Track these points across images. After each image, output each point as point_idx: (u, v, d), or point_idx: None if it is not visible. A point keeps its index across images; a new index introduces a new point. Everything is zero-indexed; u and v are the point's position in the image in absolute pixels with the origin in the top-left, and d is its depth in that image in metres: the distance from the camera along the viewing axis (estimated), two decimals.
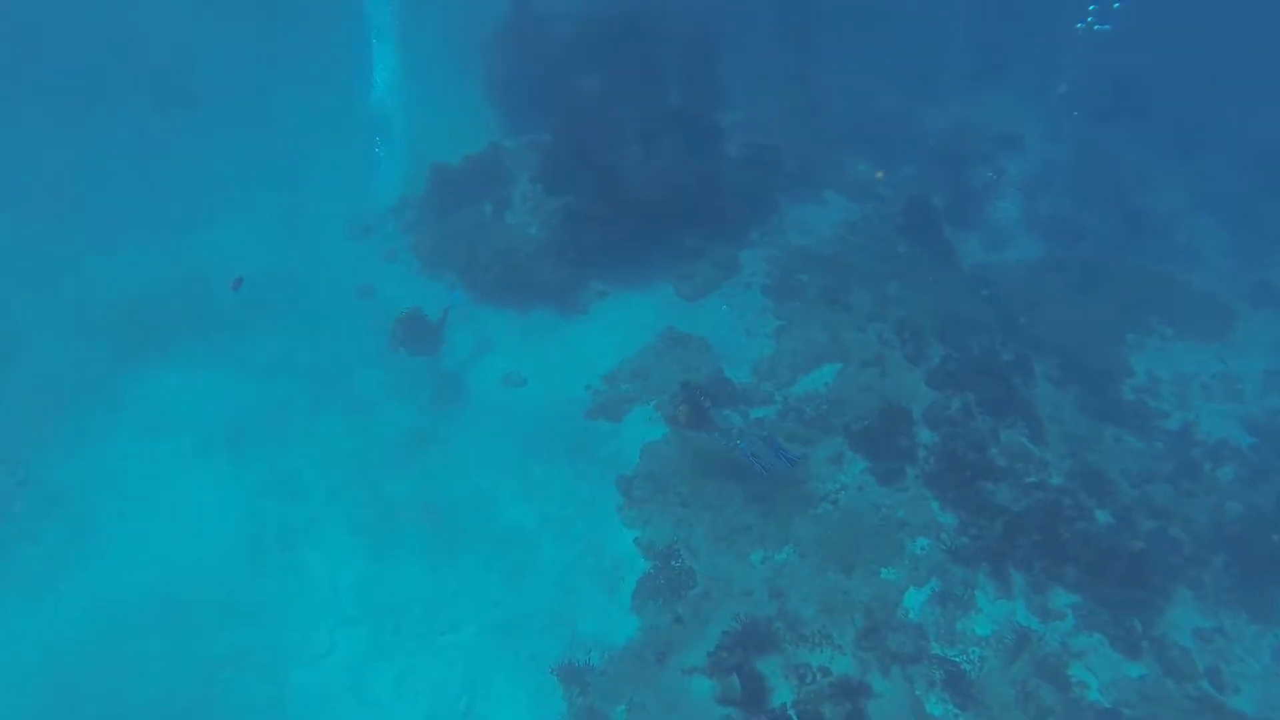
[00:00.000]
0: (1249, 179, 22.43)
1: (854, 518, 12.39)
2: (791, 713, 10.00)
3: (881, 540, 12.17)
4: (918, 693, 10.56)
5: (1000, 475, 12.89)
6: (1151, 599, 11.65)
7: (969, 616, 11.47)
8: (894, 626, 11.14)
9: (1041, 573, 11.92)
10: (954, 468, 12.81)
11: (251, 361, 15.80)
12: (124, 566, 12.28)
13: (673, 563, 11.86)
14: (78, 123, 23.63)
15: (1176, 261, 19.61)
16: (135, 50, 27.19)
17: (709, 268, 16.94)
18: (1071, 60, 22.71)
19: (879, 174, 12.21)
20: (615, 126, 19.27)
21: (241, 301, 16.81)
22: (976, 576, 11.89)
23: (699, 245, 17.18)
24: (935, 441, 13.27)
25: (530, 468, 13.55)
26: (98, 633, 11.39)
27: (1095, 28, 22.06)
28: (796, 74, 23.56)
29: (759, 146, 20.03)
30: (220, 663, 11.21)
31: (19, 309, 16.59)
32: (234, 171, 21.55)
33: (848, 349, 14.84)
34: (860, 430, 13.16)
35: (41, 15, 28.04)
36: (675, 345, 15.18)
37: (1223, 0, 28.43)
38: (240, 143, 22.90)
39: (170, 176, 21.29)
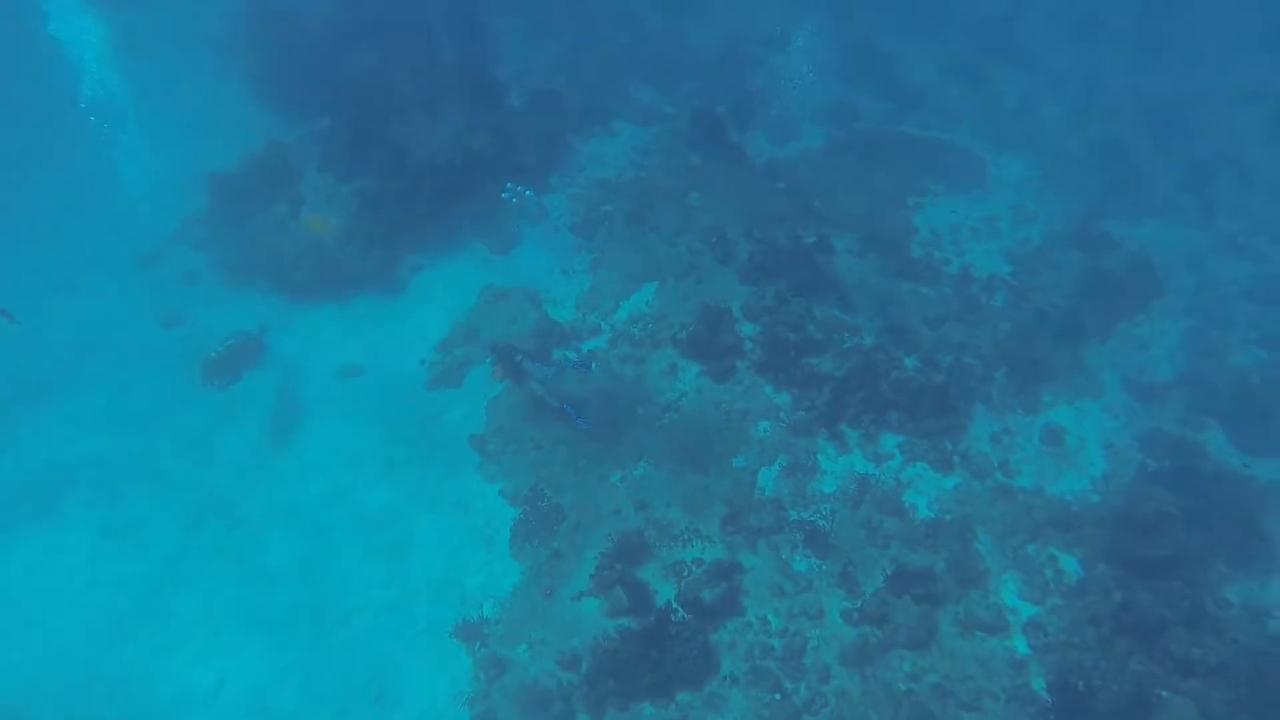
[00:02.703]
0: (980, 46, 24.98)
1: (698, 419, 13.27)
2: (675, 605, 10.84)
3: (728, 433, 13.14)
4: (784, 557, 11.67)
5: (821, 348, 14.04)
6: (957, 421, 13.33)
7: (816, 479, 12.70)
8: (753, 507, 12.17)
9: (870, 424, 13.29)
10: (779, 351, 13.87)
11: (60, 422, 14.74)
12: None
13: (539, 503, 12.35)
14: None
15: (935, 126, 21.62)
16: None
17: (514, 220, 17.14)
18: None
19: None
20: (394, 99, 18.85)
21: (37, 363, 15.69)
22: (817, 442, 13.12)
23: (500, 200, 17.28)
24: (757, 331, 14.28)
25: (386, 449, 13.59)
26: None
27: None
28: (568, 11, 23.68)
29: (541, 92, 20.18)
30: None
31: None
32: None
33: (661, 266, 15.58)
34: (686, 338, 13.98)
35: None
36: (498, 300, 15.42)
37: None
38: None
39: None
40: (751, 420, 13.25)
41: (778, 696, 10.26)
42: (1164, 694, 9.27)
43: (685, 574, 11.16)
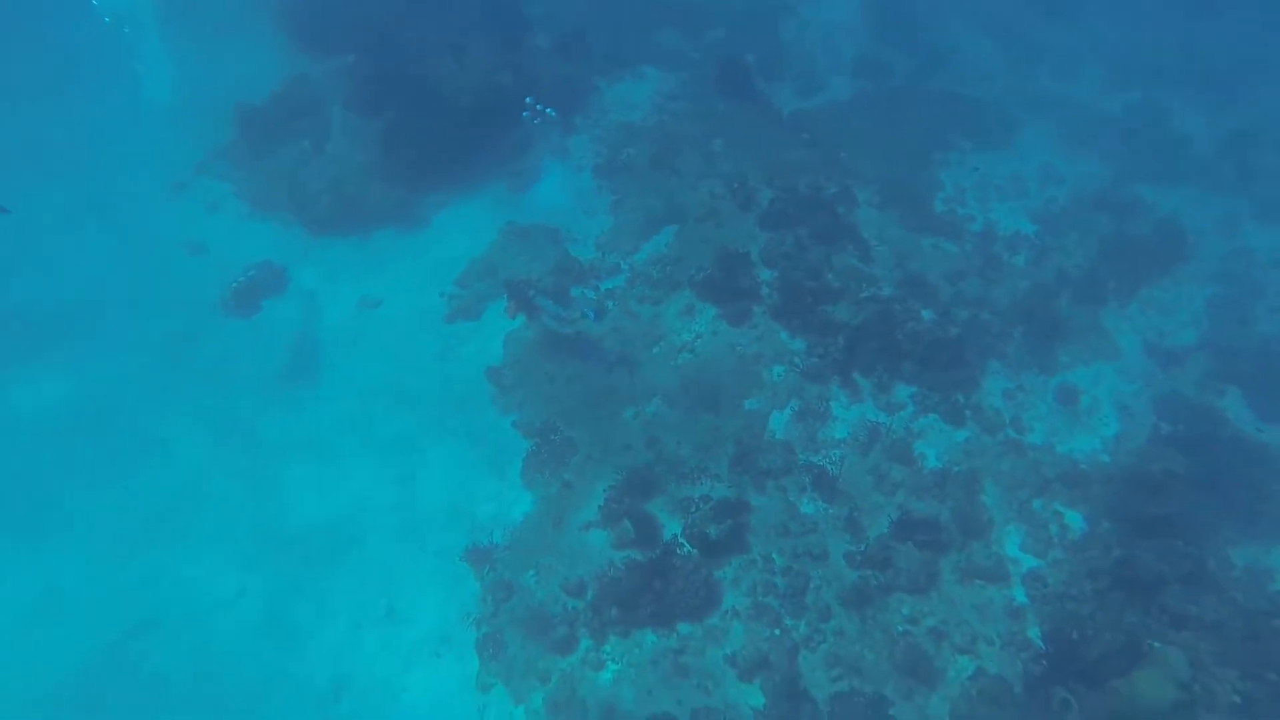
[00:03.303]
0: (1017, 3, 24.27)
1: (712, 361, 13.34)
2: (682, 540, 11.04)
3: (741, 376, 13.21)
4: (791, 499, 11.81)
5: (837, 296, 14.00)
6: (971, 375, 13.33)
7: (827, 425, 12.77)
8: (763, 448, 12.29)
9: (883, 373, 13.30)
10: (795, 297, 13.84)
11: (96, 344, 15.07)
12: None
13: (552, 436, 12.53)
14: None
15: (967, 83, 21.15)
16: None
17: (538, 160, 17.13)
18: None
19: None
20: (420, 37, 18.73)
21: (71, 286, 15.97)
22: (829, 389, 13.16)
23: (525, 139, 17.24)
24: (775, 277, 14.25)
25: (401, 378, 13.81)
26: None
27: None
28: None
29: (568, 34, 19.93)
30: (135, 627, 11.26)
31: None
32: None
33: (683, 209, 15.54)
34: (704, 280, 13.99)
35: None
36: (519, 238, 15.48)
37: None
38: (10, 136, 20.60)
39: None
40: (765, 364, 13.30)
41: (777, 632, 10.46)
42: (1155, 644, 9.37)
43: (692, 510, 11.32)
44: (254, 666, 11.00)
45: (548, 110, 16.12)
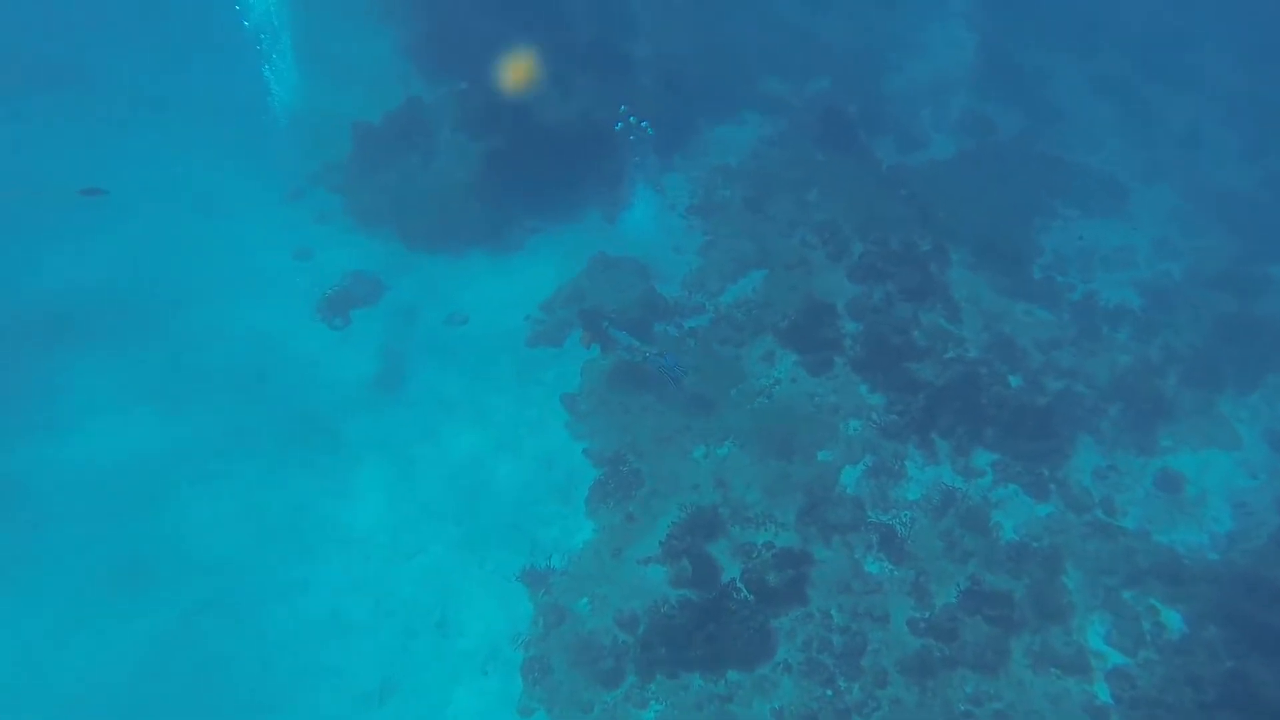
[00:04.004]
0: (1136, 67, 23.52)
1: (789, 408, 13.18)
2: (740, 584, 10.82)
3: (816, 425, 13.00)
4: (856, 556, 11.48)
5: (922, 354, 13.73)
6: (1059, 448, 12.77)
7: (901, 484, 12.42)
8: (832, 501, 12.02)
9: (964, 437, 12.89)
10: (879, 352, 13.62)
11: (187, 336, 15.88)
12: (75, 542, 12.57)
13: (621, 467, 12.56)
14: None
15: (1076, 147, 20.57)
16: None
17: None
18: None
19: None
20: (532, 69, 19.41)
21: (180, 278, 16.95)
22: (906, 448, 12.83)
23: (622, 174, 17.56)
24: (860, 330, 14.05)
25: (480, 397, 14.10)
26: (64, 590, 11.77)
27: None
28: (703, 1, 23.76)
29: (673, 75, 20.33)
30: (199, 606, 11.67)
31: None
32: (146, 155, 20.99)
33: (772, 254, 15.54)
34: (788, 327, 13.88)
35: None
36: (607, 268, 15.71)
37: None
38: (146, 131, 22.21)
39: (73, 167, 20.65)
40: (842, 416, 13.07)
41: (829, 693, 10.12)
42: None
43: (754, 555, 11.11)
44: (308, 657, 11.23)
45: (644, 124, 16.11)
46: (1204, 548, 11.88)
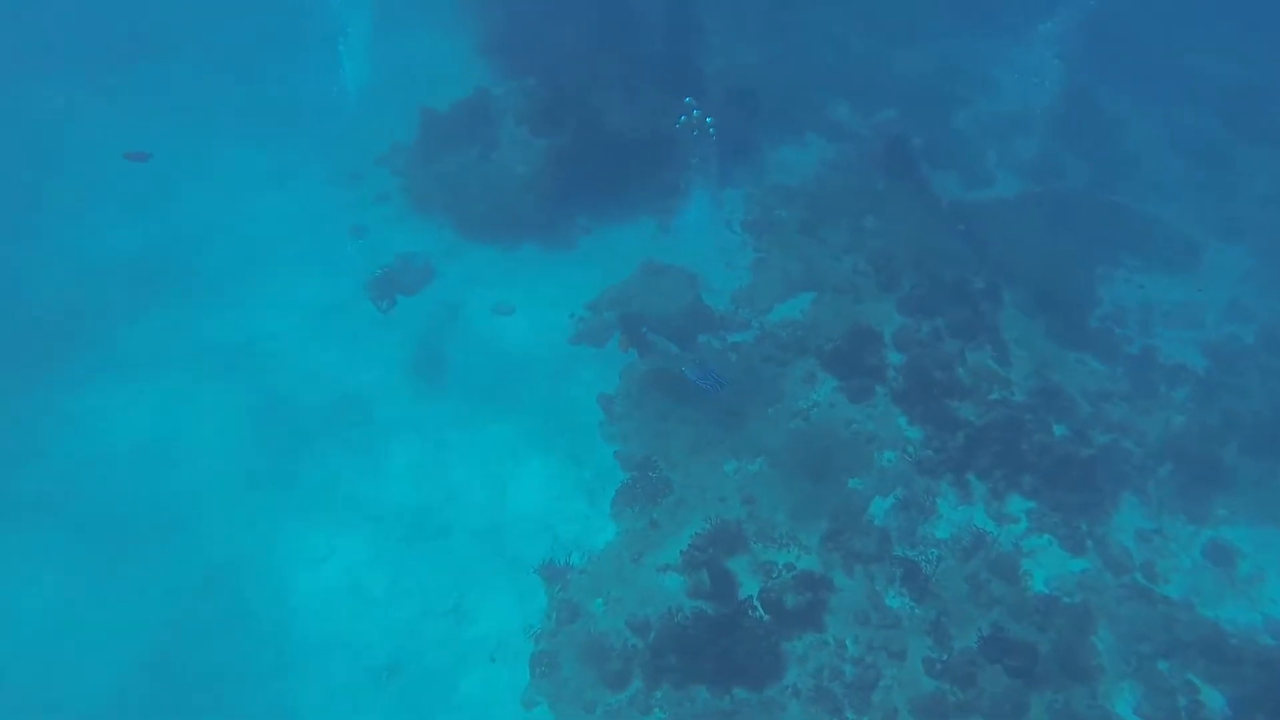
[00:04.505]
0: (1221, 121, 22.83)
1: (825, 432, 13.03)
2: (756, 602, 10.70)
3: (850, 452, 12.83)
4: (877, 587, 11.28)
5: (965, 393, 13.47)
6: (1100, 503, 12.37)
7: (930, 521, 12.19)
8: (859, 530, 11.84)
9: (1001, 481, 12.61)
10: (921, 385, 13.41)
11: (250, 299, 16.31)
12: (126, 486, 12.96)
13: (650, 473, 12.52)
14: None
15: (1149, 198, 20.03)
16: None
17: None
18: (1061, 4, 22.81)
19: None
20: (600, 72, 19.62)
21: (240, 245, 17.43)
22: (939, 485, 12.59)
23: (680, 183, 17.60)
24: (904, 362, 13.85)
25: (516, 388, 14.19)
26: (101, 545, 12.14)
27: None
28: (776, 22, 23.77)
29: (739, 91, 20.32)
30: (224, 565, 11.92)
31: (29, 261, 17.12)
32: (221, 130, 21.58)
33: (823, 278, 15.41)
34: (831, 351, 13.74)
35: None
36: (656, 275, 15.72)
37: None
38: (223, 101, 22.88)
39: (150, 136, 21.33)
40: (877, 446, 12.88)
41: None
42: None
43: (774, 575, 10.99)
44: (323, 627, 11.40)
45: (708, 120, 15.99)
46: (1256, 630, 11.28)
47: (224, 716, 10.52)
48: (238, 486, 12.91)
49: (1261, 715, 10.12)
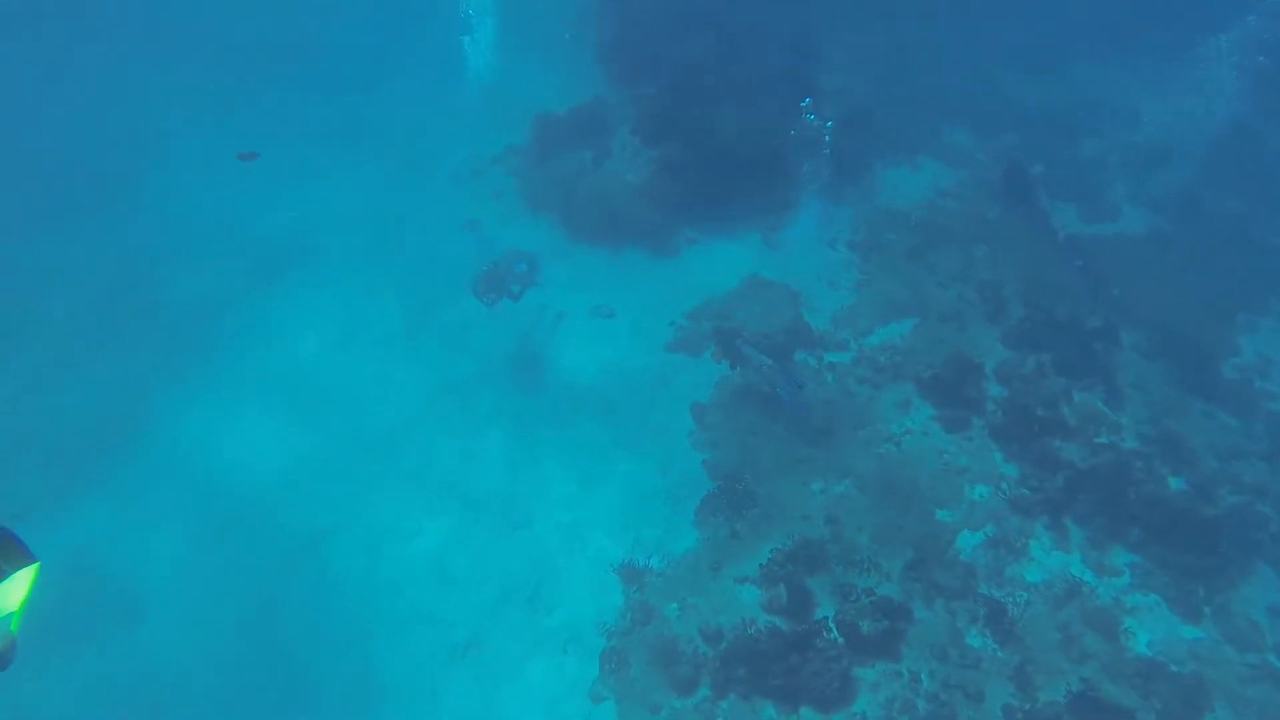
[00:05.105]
0: None
1: (916, 460, 12.75)
2: (832, 624, 10.57)
3: (941, 483, 12.50)
4: (958, 625, 10.93)
5: (1070, 433, 12.91)
6: (1222, 568, 11.38)
7: (1021, 563, 11.71)
8: (944, 563, 11.51)
9: (1102, 529, 11.96)
10: (1022, 422, 12.93)
11: (364, 284, 17.30)
12: (249, 446, 13.99)
13: (736, 484, 12.53)
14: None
15: None
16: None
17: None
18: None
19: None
20: (717, 85, 19.81)
21: (362, 233, 18.53)
22: (1033, 527, 12.08)
23: (788, 199, 17.57)
24: (1005, 396, 13.40)
25: (610, 391, 14.48)
26: (232, 494, 13.26)
27: None
28: (901, 44, 23.37)
29: (855, 110, 20.11)
30: (324, 532, 12.68)
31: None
32: (349, 127, 23.07)
33: (927, 304, 15.09)
34: (930, 378, 13.43)
35: None
36: (759, 290, 15.73)
37: None
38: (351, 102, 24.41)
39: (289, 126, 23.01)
40: (970, 480, 12.50)
41: None
42: None
43: (852, 598, 10.81)
44: (407, 601, 11.96)
45: (827, 124, 15.92)
46: None
47: (314, 674, 11.16)
48: (342, 458, 13.68)
49: None
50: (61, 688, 11.15)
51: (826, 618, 10.65)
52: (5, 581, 4.56)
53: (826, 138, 16.01)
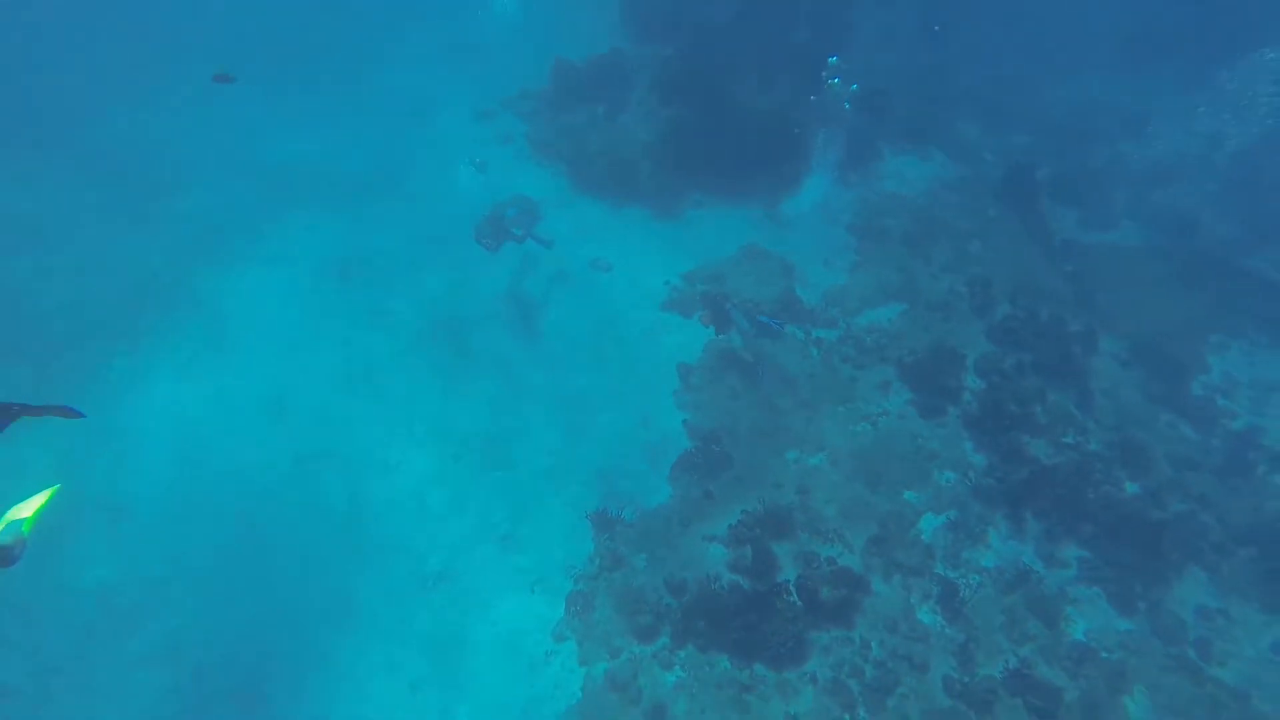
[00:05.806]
0: None
1: (889, 441, 13.15)
2: (792, 588, 11.03)
3: (911, 466, 12.92)
4: (912, 600, 11.43)
5: (1038, 430, 13.33)
6: (1161, 570, 12.03)
7: (977, 548, 12.18)
8: (905, 542, 11.97)
9: (1057, 524, 12.46)
10: (995, 415, 13.33)
11: (369, 214, 17.38)
12: (242, 364, 14.18)
13: (714, 446, 12.89)
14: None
15: None
16: None
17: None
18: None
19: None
20: (738, 54, 19.77)
21: (368, 165, 18.52)
22: (994, 515, 12.55)
23: (796, 174, 17.71)
24: (982, 388, 13.79)
25: (602, 343, 14.74)
26: (218, 413, 13.40)
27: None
28: (929, 31, 23.30)
29: (871, 93, 20.14)
30: (308, 455, 12.95)
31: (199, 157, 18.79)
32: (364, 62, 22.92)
33: (917, 292, 15.38)
34: (911, 363, 13.79)
35: None
36: (755, 258, 15.98)
37: None
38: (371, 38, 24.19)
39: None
40: (939, 465, 12.93)
41: (847, 717, 10.22)
42: None
43: (814, 566, 11.28)
44: (385, 529, 12.31)
45: (852, 87, 15.97)
46: None
47: (294, 589, 11.52)
48: (334, 386, 13.91)
49: None
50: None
51: (788, 581, 11.09)
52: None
53: (846, 104, 16.05)
